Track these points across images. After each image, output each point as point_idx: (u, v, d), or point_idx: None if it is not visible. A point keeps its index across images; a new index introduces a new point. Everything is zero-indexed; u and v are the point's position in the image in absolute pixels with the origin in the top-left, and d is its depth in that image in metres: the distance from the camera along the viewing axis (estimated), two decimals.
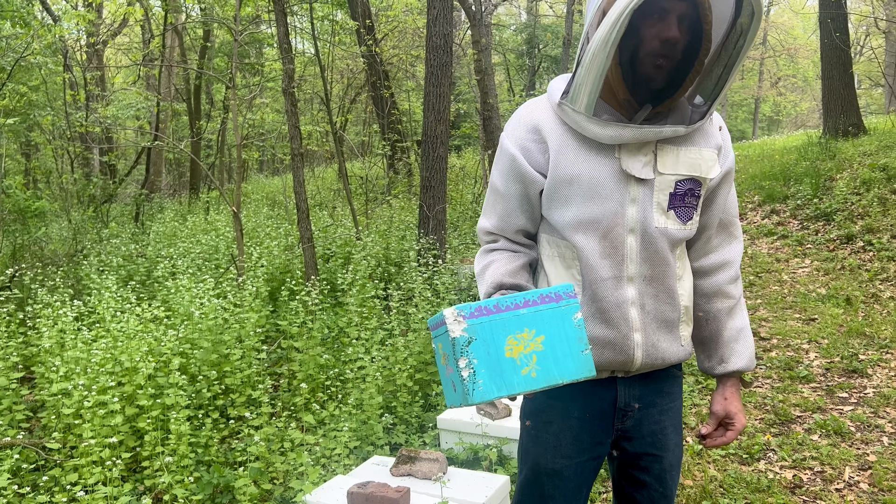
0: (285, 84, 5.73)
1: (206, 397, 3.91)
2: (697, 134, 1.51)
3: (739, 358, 1.61)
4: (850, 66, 12.97)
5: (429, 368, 4.32)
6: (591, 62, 1.36)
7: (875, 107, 29.82)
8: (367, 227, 8.05)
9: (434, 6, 6.49)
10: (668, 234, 1.49)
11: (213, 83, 15.75)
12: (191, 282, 5.02)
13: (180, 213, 11.69)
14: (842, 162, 9.90)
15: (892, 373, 4.44)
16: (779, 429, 3.82)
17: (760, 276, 7.09)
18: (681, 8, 1.38)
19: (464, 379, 1.25)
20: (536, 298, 1.32)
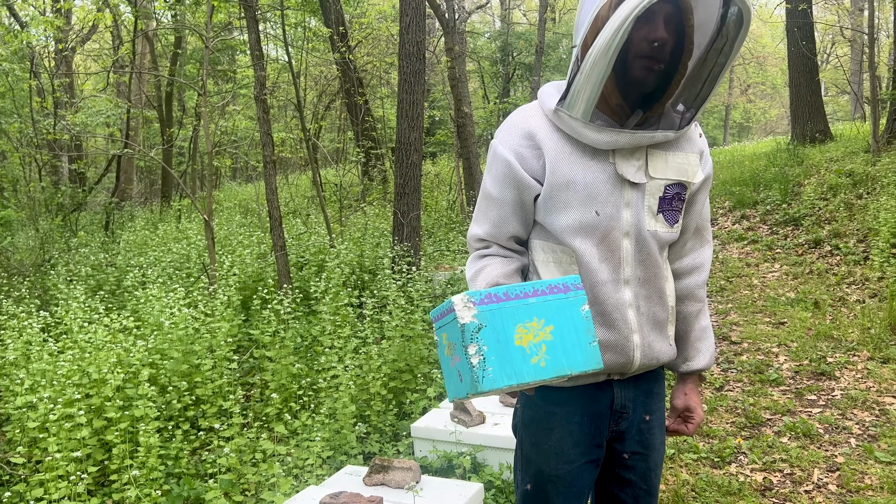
0: (257, 91, 5.70)
1: (176, 408, 3.85)
2: (683, 139, 1.56)
3: (702, 357, 1.67)
4: (817, 74, 13.23)
5: (403, 376, 4.30)
6: (592, 69, 1.38)
7: (841, 113, 30.41)
8: (342, 235, 8.01)
9: (407, 14, 6.50)
10: (658, 236, 1.54)
11: (185, 90, 15.60)
12: (161, 291, 4.95)
13: (151, 221, 11.55)
14: (809, 168, 10.07)
15: (859, 375, 4.51)
16: (749, 432, 3.86)
17: (731, 281, 7.18)
18: (666, 10, 1.41)
19: (473, 366, 1.22)
20: (545, 288, 1.32)
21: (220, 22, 11.31)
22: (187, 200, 12.34)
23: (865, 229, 7.25)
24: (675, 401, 1.70)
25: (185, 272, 6.53)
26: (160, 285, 5.35)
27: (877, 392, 4.23)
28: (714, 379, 4.62)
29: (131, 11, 11.33)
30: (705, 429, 3.89)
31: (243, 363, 4.85)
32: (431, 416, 3.65)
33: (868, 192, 8.05)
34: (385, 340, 4.51)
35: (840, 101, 32.34)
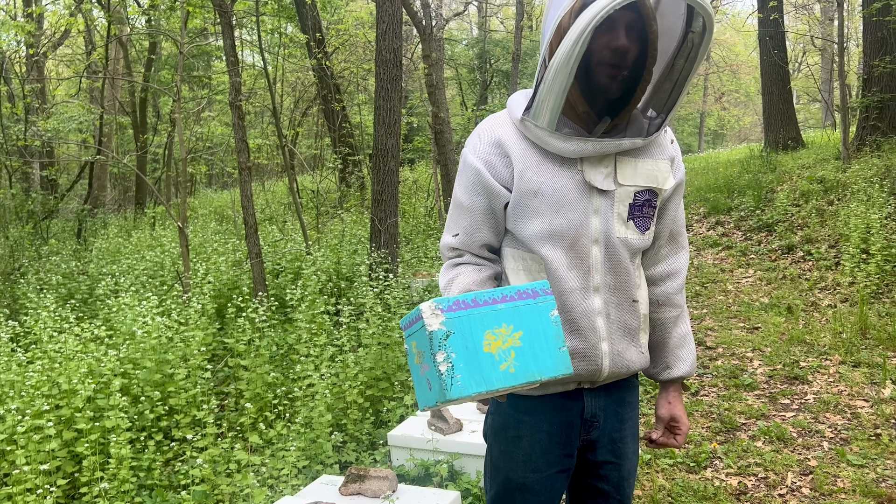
0: (232, 97, 5.65)
1: (148, 419, 3.80)
2: (653, 146, 1.55)
3: (683, 364, 1.66)
4: (789, 82, 13.44)
5: (380, 384, 4.28)
6: (554, 79, 1.38)
7: (813, 121, 30.92)
8: (318, 242, 7.97)
9: (383, 20, 6.49)
10: (629, 243, 1.53)
11: (160, 96, 15.45)
12: (134, 300, 4.88)
13: (125, 228, 11.40)
14: (782, 174, 10.21)
15: (831, 379, 4.57)
16: (724, 436, 3.89)
17: (706, 287, 7.24)
18: (628, 17, 1.41)
19: (441, 374, 1.21)
20: (514, 294, 1.31)
21: (195, 27, 11.23)
22: (162, 207, 12.21)
23: (836, 235, 7.36)
24: (660, 410, 1.68)
25: (158, 280, 6.45)
26: (133, 294, 5.27)
27: (848, 396, 4.28)
28: (690, 384, 4.65)
29: (104, 16, 11.21)
30: None
31: (218, 372, 4.79)
32: (408, 424, 3.63)
33: (839, 199, 8.17)
34: (362, 348, 4.48)
35: (812, 109, 32.88)
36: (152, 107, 15.70)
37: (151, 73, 13.52)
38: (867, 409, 4.08)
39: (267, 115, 16.83)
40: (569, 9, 1.39)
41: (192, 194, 18.10)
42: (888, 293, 5.97)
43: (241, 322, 4.49)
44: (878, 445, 3.62)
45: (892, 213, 7.08)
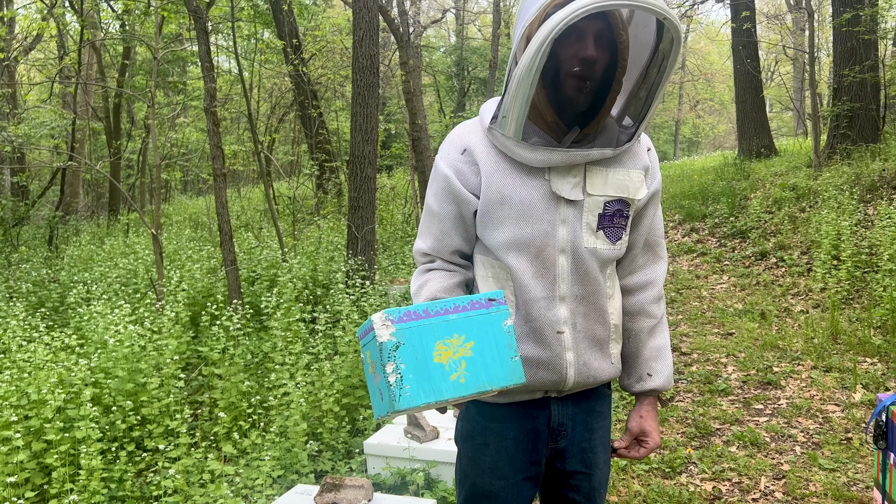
0: (207, 103, 5.61)
1: (120, 429, 3.74)
2: (626, 155, 1.53)
3: (658, 377, 1.63)
4: (762, 91, 13.65)
5: (356, 392, 4.25)
6: (517, 90, 1.38)
7: (786, 129, 31.42)
8: (295, 249, 7.92)
9: (360, 27, 6.49)
10: (598, 253, 1.52)
11: (134, 101, 15.29)
12: (106, 308, 4.81)
13: (98, 235, 11.25)
14: (755, 182, 10.36)
15: (804, 384, 4.63)
16: (699, 441, 3.92)
17: (681, 293, 7.31)
18: (596, 27, 1.40)
19: (390, 385, 1.21)
20: (466, 304, 1.31)
21: (170, 32, 11.14)
22: (135, 214, 12.06)
23: (808, 241, 7.47)
24: (631, 422, 1.65)
25: (132, 288, 6.37)
26: (105, 302, 5.20)
27: (820, 400, 4.34)
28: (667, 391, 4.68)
29: (77, 21, 11.07)
30: None
31: (191, 381, 4.73)
32: (385, 432, 3.62)
33: (811, 206, 8.30)
34: (338, 356, 4.46)
35: (784, 118, 33.41)
36: (126, 112, 15.53)
37: (125, 79, 13.38)
38: (838, 413, 4.13)
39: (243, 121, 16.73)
40: (533, 18, 1.38)
41: (167, 201, 17.92)
42: (858, 299, 6.06)
43: (215, 330, 4.44)
44: (848, 449, 3.66)
45: (861, 220, 7.20)
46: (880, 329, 5.36)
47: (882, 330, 5.33)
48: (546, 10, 1.36)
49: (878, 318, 5.46)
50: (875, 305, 5.69)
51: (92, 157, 15.72)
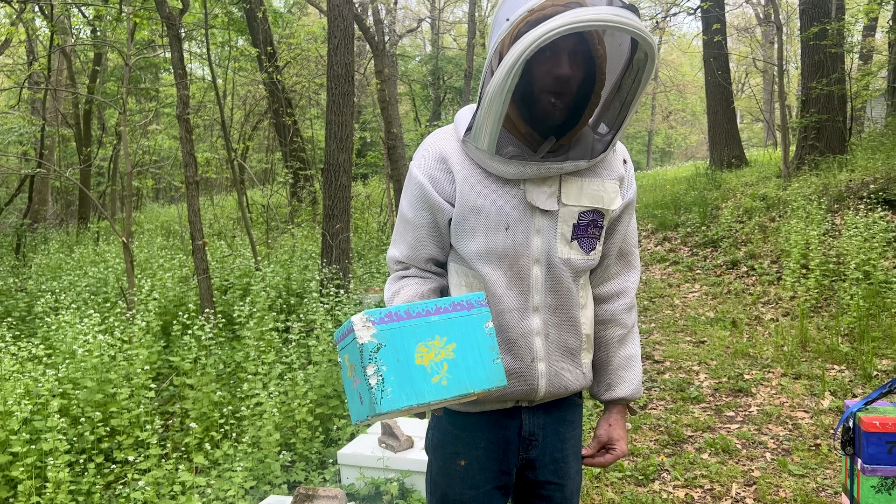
0: (179, 110, 5.56)
1: (89, 440, 3.67)
2: (601, 165, 1.53)
3: (626, 385, 1.63)
4: (732, 102, 13.88)
5: (330, 402, 4.22)
6: (490, 106, 1.37)
7: (756, 140, 31.95)
8: (268, 257, 7.86)
9: (335, 35, 6.48)
10: (572, 264, 1.51)
11: (106, 108, 15.11)
12: (75, 317, 4.73)
13: (67, 244, 11.07)
14: (726, 192, 10.51)
15: (774, 391, 4.69)
16: (672, 449, 3.95)
17: (654, 301, 7.38)
18: (571, 44, 1.40)
19: (371, 387, 1.19)
20: (448, 306, 1.29)
21: (142, 39, 11.03)
22: (106, 222, 11.89)
23: (778, 250, 7.59)
24: (599, 430, 1.66)
25: (101, 297, 6.27)
26: (74, 311, 5.11)
27: (790, 407, 4.40)
28: (637, 399, 4.72)
29: (47, 26, 10.92)
30: (630, 447, 3.95)
31: (162, 391, 4.67)
32: (359, 441, 3.59)
33: (780, 216, 8.44)
34: (312, 366, 4.43)
35: (755, 129, 33.98)
36: (97, 119, 15.33)
37: (96, 85, 13.21)
38: (807, 420, 4.19)
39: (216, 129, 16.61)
40: (505, 35, 1.38)
41: (139, 209, 17.70)
42: (826, 307, 6.17)
43: (187, 340, 4.39)
44: (817, 456, 3.72)
45: (829, 229, 7.34)
46: (847, 337, 5.46)
47: (849, 337, 5.43)
48: (518, 27, 1.36)
49: (845, 325, 5.56)
50: (842, 313, 5.79)
51: (61, 165, 15.48)
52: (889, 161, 8.25)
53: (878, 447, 1.99)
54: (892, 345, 5.09)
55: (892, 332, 5.22)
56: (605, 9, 1.30)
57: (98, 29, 12.00)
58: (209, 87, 14.14)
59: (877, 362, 4.87)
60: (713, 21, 12.99)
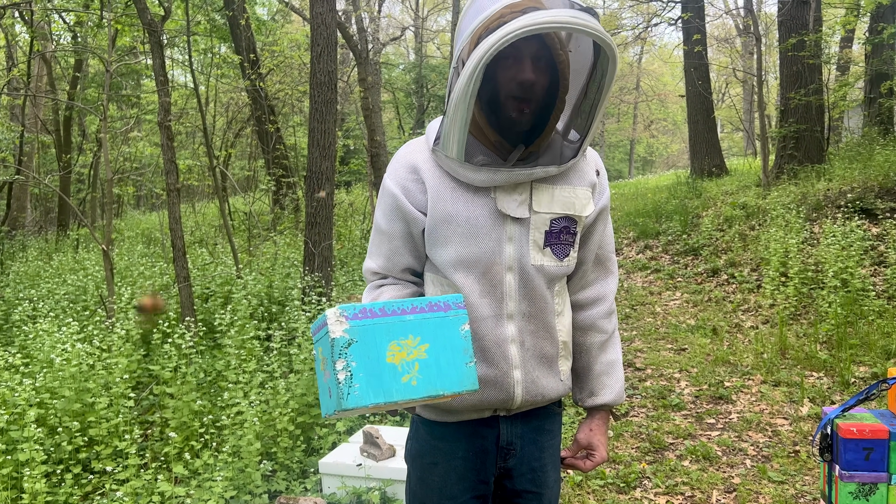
0: (161, 117, 5.53)
1: (66, 451, 3.62)
2: (572, 172, 1.54)
3: (608, 391, 1.64)
4: (713, 112, 14.03)
5: (311, 411, 4.20)
6: (455, 113, 1.38)
7: (736, 149, 32.31)
8: (250, 265, 7.82)
9: (318, 43, 6.48)
10: (545, 271, 1.52)
11: (86, 115, 14.99)
12: (53, 325, 4.67)
13: (46, 251, 10.94)
14: (707, 200, 10.60)
15: (754, 398, 4.73)
16: (653, 456, 3.96)
17: (636, 309, 7.42)
18: (533, 49, 1.40)
19: (339, 382, 1.18)
20: (425, 306, 1.29)
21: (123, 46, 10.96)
22: (86, 229, 11.78)
23: (758, 259, 7.67)
24: (579, 434, 1.66)
25: (80, 305, 6.20)
26: (52, 319, 5.05)
27: (769, 414, 4.44)
28: (619, 405, 4.74)
29: (27, 32, 10.82)
30: (612, 454, 3.97)
31: (142, 401, 4.62)
32: (340, 450, 3.58)
33: (760, 224, 8.53)
34: (293, 374, 4.40)
35: (735, 138, 34.35)
36: (78, 126, 15.19)
37: (77, 91, 13.10)
38: (787, 426, 4.23)
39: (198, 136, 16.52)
40: (467, 42, 1.39)
41: (119, 216, 17.54)
42: (805, 314, 6.24)
43: (167, 348, 4.35)
44: (796, 462, 3.75)
45: (808, 238, 7.43)
46: (826, 344, 5.52)
47: (827, 345, 5.49)
48: (479, 34, 1.37)
49: (823, 333, 5.62)
50: (821, 321, 5.86)
51: (41, 171, 15.32)
52: (866, 171, 8.38)
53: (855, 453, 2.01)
54: (868, 352, 5.15)
55: (869, 339, 5.28)
56: (563, 11, 1.31)
57: (79, 35, 11.91)
58: (191, 93, 14.07)
59: (854, 369, 4.93)
60: (694, 32, 13.13)
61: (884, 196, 7.49)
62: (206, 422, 3.95)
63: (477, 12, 1.40)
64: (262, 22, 13.98)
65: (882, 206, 7.27)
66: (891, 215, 7.08)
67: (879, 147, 9.63)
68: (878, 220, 7.20)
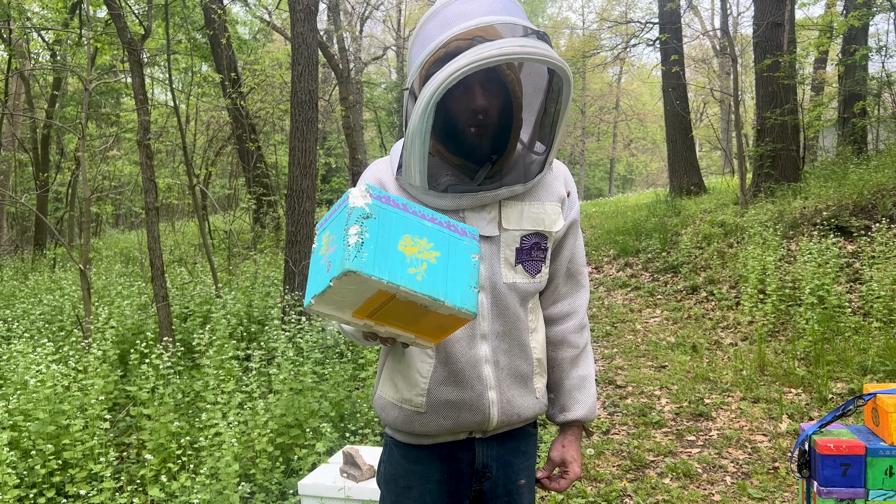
0: (140, 135, 5.50)
1: (40, 474, 3.55)
2: (540, 188, 1.54)
3: (580, 407, 1.63)
4: (691, 131, 14.22)
5: (291, 432, 4.16)
6: (412, 146, 1.38)
7: (714, 168, 32.69)
8: (230, 284, 7.76)
9: (299, 63, 6.50)
10: (518, 288, 1.51)
11: (65, 133, 14.87)
12: (28, 346, 4.60)
13: (22, 271, 10.80)
14: (686, 218, 10.71)
15: (733, 415, 4.75)
16: (634, 474, 3.96)
17: (616, 326, 7.45)
18: (481, 76, 1.40)
19: (349, 245, 1.11)
20: (444, 222, 1.26)
21: (103, 64, 10.92)
22: (63, 249, 11.64)
23: (736, 276, 7.74)
24: (553, 452, 1.65)
25: (56, 326, 6.11)
26: (27, 340, 4.97)
27: (749, 431, 4.46)
28: (601, 423, 4.74)
29: (4, 50, 10.75)
30: (593, 473, 3.96)
31: (118, 422, 4.55)
32: (320, 472, 3.54)
33: (738, 242, 8.62)
34: (272, 394, 4.36)
35: (713, 157, 34.78)
36: (56, 144, 15.07)
37: (55, 110, 13.01)
38: (766, 443, 4.25)
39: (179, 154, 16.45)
40: (416, 76, 1.39)
41: (97, 235, 17.37)
42: (783, 331, 6.29)
43: (144, 369, 4.29)
44: (776, 479, 3.77)
45: (785, 255, 7.52)
46: (804, 360, 5.57)
47: (805, 361, 5.54)
48: (427, 68, 1.37)
49: (801, 349, 5.68)
50: (798, 338, 5.91)
51: (17, 190, 15.15)
52: (840, 189, 8.51)
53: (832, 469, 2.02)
54: (845, 368, 5.20)
55: (845, 355, 5.34)
56: (509, 42, 1.31)
57: (58, 53, 11.85)
58: (171, 112, 14.03)
59: (831, 385, 4.97)
60: (671, 52, 13.34)
61: (858, 214, 7.60)
62: (183, 443, 3.90)
63: (425, 42, 1.40)
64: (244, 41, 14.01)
65: (856, 224, 7.39)
66: (865, 233, 7.19)
67: (853, 166, 9.81)
68: (852, 237, 7.31)
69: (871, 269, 6.38)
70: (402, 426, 1.55)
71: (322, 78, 17.73)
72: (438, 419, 1.50)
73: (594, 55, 21.84)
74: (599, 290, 9.27)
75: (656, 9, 15.39)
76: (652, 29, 15.97)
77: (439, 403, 1.49)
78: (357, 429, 4.28)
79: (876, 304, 5.85)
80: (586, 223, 14.22)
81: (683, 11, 16.53)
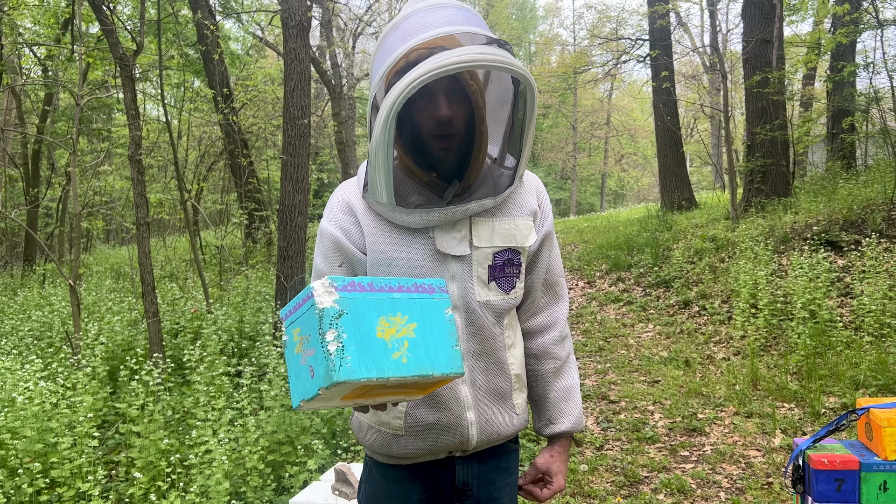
0: (132, 151, 5.49)
1: (27, 493, 3.50)
2: (511, 203, 1.51)
3: (567, 419, 1.61)
4: (682, 146, 14.30)
5: (282, 449, 4.12)
6: (376, 160, 1.36)
7: (705, 183, 32.88)
8: (221, 300, 7.72)
9: (292, 78, 6.51)
10: (492, 306, 1.49)
11: (56, 148, 14.83)
12: (16, 363, 4.55)
13: (10, 286, 10.72)
14: (677, 233, 10.74)
15: (727, 430, 4.74)
16: (628, 490, 3.94)
17: (609, 341, 7.44)
18: (444, 84, 1.39)
19: (330, 353, 1.10)
20: (410, 286, 1.25)
21: (95, 79, 10.91)
22: (52, 264, 11.57)
23: (728, 291, 7.76)
24: (539, 458, 1.62)
25: (45, 342, 6.06)
26: (15, 356, 4.92)
27: (742, 446, 4.45)
28: (594, 438, 4.72)
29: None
30: (587, 489, 3.94)
31: (107, 440, 4.50)
32: (311, 489, 3.50)
33: (729, 256, 8.65)
34: (263, 411, 4.32)
35: (704, 172, 34.99)
36: (46, 159, 15.03)
37: (46, 125, 12.98)
38: (760, 458, 4.24)
39: (170, 170, 16.40)
40: (378, 88, 1.38)
41: (88, 250, 17.28)
42: (775, 346, 6.30)
43: (134, 385, 4.25)
44: (770, 494, 3.75)
45: (776, 269, 7.54)
46: (796, 375, 5.57)
47: (798, 376, 5.54)
48: (389, 77, 1.36)
49: (793, 364, 5.68)
50: (791, 352, 5.92)
51: (7, 205, 15.07)
52: (830, 204, 8.57)
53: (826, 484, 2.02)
54: (838, 382, 5.21)
55: (837, 369, 5.35)
56: (469, 50, 1.30)
57: (49, 68, 11.83)
58: (163, 127, 14.02)
59: (824, 399, 4.97)
60: (662, 69, 13.44)
61: (848, 229, 7.65)
62: (173, 461, 3.86)
63: (386, 54, 1.39)
64: (236, 56, 14.04)
65: (847, 239, 7.42)
66: (855, 247, 7.23)
67: (843, 181, 9.88)
68: (843, 252, 7.35)
69: (861, 283, 6.41)
70: (380, 448, 1.53)
71: (314, 94, 17.79)
72: (417, 441, 1.48)
73: (585, 71, 22.00)
74: (592, 304, 9.27)
75: (647, 26, 15.54)
76: (642, 45, 16.10)
77: (417, 426, 1.47)
78: (349, 446, 4.25)
79: (867, 319, 5.87)
80: (578, 238, 14.26)
81: (673, 28, 16.70)
